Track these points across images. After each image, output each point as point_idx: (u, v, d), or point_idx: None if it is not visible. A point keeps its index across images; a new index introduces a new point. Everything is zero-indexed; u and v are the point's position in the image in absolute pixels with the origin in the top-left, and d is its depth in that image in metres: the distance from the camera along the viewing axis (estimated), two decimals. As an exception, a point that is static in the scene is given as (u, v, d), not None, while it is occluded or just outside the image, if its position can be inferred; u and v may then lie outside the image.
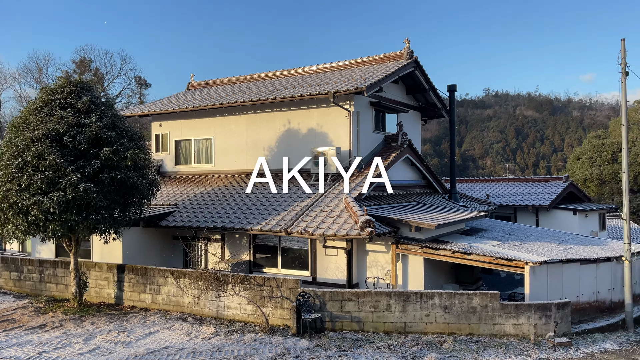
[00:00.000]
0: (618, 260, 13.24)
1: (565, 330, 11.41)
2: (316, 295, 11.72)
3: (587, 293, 12.78)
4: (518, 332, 11.25)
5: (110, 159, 12.01)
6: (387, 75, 15.77)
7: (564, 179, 23.35)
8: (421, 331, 11.49)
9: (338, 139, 15.99)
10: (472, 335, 11.31)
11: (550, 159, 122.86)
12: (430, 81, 18.74)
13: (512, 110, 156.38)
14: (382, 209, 14.25)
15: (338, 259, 13.76)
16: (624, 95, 12.63)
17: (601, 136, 64.31)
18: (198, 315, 12.85)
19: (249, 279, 12.29)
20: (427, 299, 11.49)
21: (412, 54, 17.66)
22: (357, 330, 11.61)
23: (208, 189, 17.31)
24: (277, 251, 14.72)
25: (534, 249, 13.15)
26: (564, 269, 12.39)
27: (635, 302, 14.03)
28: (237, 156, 17.91)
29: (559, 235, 16.09)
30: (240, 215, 14.57)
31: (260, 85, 19.53)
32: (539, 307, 11.24)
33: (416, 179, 18.62)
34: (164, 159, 19.61)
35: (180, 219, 15.24)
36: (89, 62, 50.69)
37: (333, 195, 14.40)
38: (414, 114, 19.94)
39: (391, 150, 16.73)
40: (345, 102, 15.81)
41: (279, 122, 17.10)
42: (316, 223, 13.02)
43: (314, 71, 19.77)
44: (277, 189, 15.81)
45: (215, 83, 22.16)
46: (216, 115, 18.37)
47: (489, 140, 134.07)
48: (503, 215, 23.12)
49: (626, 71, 12.65)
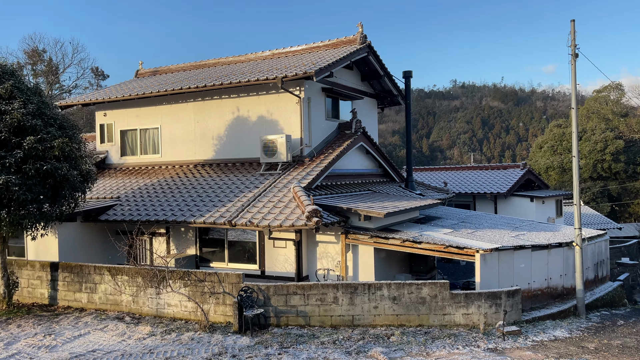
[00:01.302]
0: (569, 245, 13.10)
1: (515, 319, 11.16)
2: (260, 290, 11.13)
3: (539, 279, 12.59)
4: (468, 321, 10.93)
5: (35, 148, 11.07)
6: (338, 60, 15.21)
7: (521, 165, 23.35)
8: (369, 324, 11.05)
9: (289, 126, 15.38)
10: (422, 326, 10.94)
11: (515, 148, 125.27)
12: (385, 67, 18.29)
13: (478, 101, 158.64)
14: (332, 199, 13.74)
15: (287, 251, 13.20)
16: (574, 77, 12.41)
17: (562, 125, 65.56)
18: (137, 314, 12.10)
19: (189, 275, 11.60)
20: (375, 290, 11.05)
21: (365, 38, 17.14)
22: (304, 325, 11.08)
23: (154, 180, 16.46)
24: (225, 245, 14.05)
25: (486, 237, 12.88)
26: (515, 256, 12.15)
27: (587, 288, 13.97)
28: (185, 146, 17.09)
29: (513, 222, 15.93)
30: (183, 208, 13.82)
31: (211, 71, 18.70)
32: (489, 296, 10.94)
33: (372, 167, 18.19)
34: (110, 150, 18.61)
35: (120, 213, 14.39)
36: (42, 52, 48.46)
37: (282, 185, 13.79)
38: (370, 102, 19.48)
39: (344, 138, 16.23)
40: (296, 88, 15.19)
41: (228, 110, 16.36)
42: (262, 214, 12.40)
43: (266, 57, 19.06)
44: (225, 180, 15.12)
45: (164, 70, 21.19)
46: (163, 104, 17.49)
47: (457, 131, 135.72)
48: (462, 203, 23.00)
49: (576, 53, 12.42)
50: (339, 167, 15.91)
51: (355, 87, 18.17)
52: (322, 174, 14.33)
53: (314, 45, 18.26)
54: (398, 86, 19.36)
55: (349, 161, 16.53)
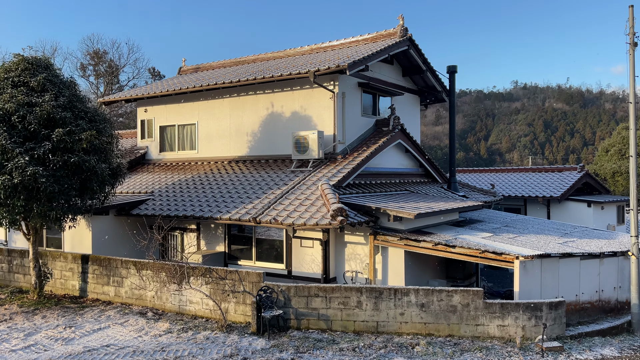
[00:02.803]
0: (625, 255, 11.77)
1: (558, 333, 10.08)
2: (280, 290, 10.68)
3: (588, 291, 11.37)
4: (504, 334, 9.98)
5: (64, 140, 11.18)
6: (374, 53, 14.54)
7: (578, 168, 21.63)
8: (395, 331, 10.33)
9: (322, 122, 14.87)
10: (452, 337, 10.10)
11: (580, 152, 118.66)
12: (428, 62, 17.40)
13: (541, 102, 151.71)
14: (363, 198, 13.09)
15: (314, 251, 12.69)
16: (632, 69, 11.12)
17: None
18: (160, 310, 11.99)
19: (210, 272, 11.33)
20: (401, 295, 10.32)
21: (406, 31, 16.36)
22: (325, 329, 10.53)
23: (188, 176, 16.44)
24: (252, 242, 13.73)
25: (529, 242, 11.80)
26: (561, 264, 11.02)
27: (646, 303, 12.53)
28: (221, 142, 16.97)
29: (564, 227, 14.62)
30: (212, 204, 13.63)
31: (250, 67, 18.52)
32: (527, 307, 9.95)
33: (412, 166, 17.35)
34: (149, 145, 18.84)
35: (152, 208, 14.40)
36: (103, 53, 50.63)
37: (311, 183, 13.30)
38: (412, 98, 18.63)
39: (381, 135, 15.52)
40: (329, 82, 14.67)
41: (262, 106, 16.07)
42: (287, 212, 11.96)
43: (305, 52, 18.66)
44: (256, 177, 14.82)
45: (206, 67, 21.27)
46: (200, 100, 17.47)
47: (517, 134, 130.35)
48: (512, 207, 21.61)
49: (635, 42, 11.13)
50: (374, 166, 15.22)
51: (395, 82, 17.40)
52: (353, 172, 13.72)
53: (353, 39, 17.66)
54: (442, 82, 18.40)
55: (385, 159, 15.81)
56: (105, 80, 43.73)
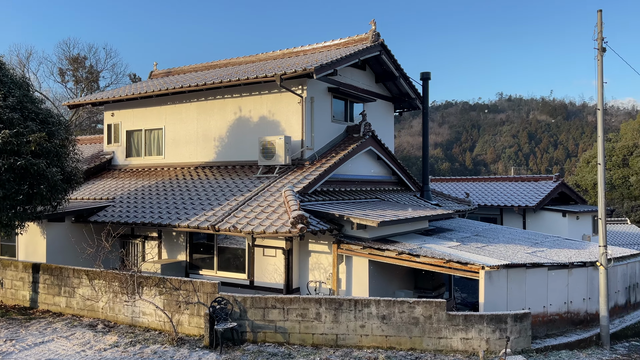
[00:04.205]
0: (595, 265, 11.47)
1: (524, 347, 9.70)
2: (236, 302, 10.17)
3: (556, 303, 11.02)
4: (467, 347, 9.58)
5: (10, 142, 10.61)
6: (343, 57, 14.20)
7: (554, 178, 21.46)
8: (355, 345, 9.87)
9: (290, 128, 14.46)
10: (414, 350, 9.67)
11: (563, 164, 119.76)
12: (401, 68, 17.12)
13: (525, 114, 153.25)
14: (329, 205, 12.67)
15: (276, 261, 12.21)
16: (600, 74, 10.90)
17: (612, 139, 61.86)
18: (112, 322, 11.38)
19: (164, 282, 10.79)
20: (362, 307, 9.87)
21: (378, 36, 16.07)
22: (282, 342, 10.02)
23: (152, 182, 15.88)
24: (214, 251, 13.21)
25: (496, 252, 11.45)
26: (529, 275, 10.67)
27: (617, 314, 12.25)
28: (188, 147, 16.46)
29: (535, 237, 14.33)
30: (172, 211, 13.09)
31: (221, 72, 18.07)
32: (492, 319, 9.56)
33: (384, 174, 16.98)
34: (116, 151, 18.25)
35: (110, 214, 13.82)
36: (83, 59, 49.80)
37: (275, 189, 12.85)
38: (386, 105, 18.32)
39: (351, 142, 15.14)
40: (298, 86, 14.27)
41: (230, 110, 15.62)
42: (248, 219, 11.48)
43: (276, 56, 18.29)
44: (221, 183, 14.33)
45: (177, 71, 20.79)
46: (167, 104, 16.96)
47: (502, 145, 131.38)
48: (488, 216, 21.35)
49: (603, 47, 10.93)
50: (344, 173, 14.83)
51: (368, 88, 17.08)
52: (320, 178, 13.29)
53: (325, 44, 17.34)
54: (416, 89, 18.12)
55: (356, 166, 15.43)
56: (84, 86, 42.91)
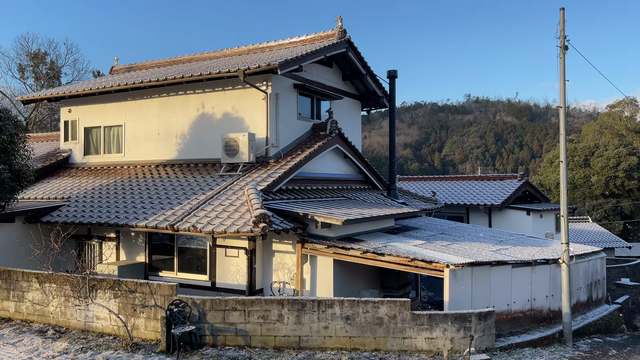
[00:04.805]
0: (558, 263, 11.54)
1: (488, 345, 9.64)
2: (194, 304, 9.77)
3: (520, 300, 11.03)
4: (432, 347, 9.44)
5: (-49, 138, 9.94)
6: (308, 53, 13.95)
7: (519, 177, 21.75)
8: (318, 346, 9.61)
9: (254, 124, 14.11)
10: (378, 351, 9.47)
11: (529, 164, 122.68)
12: (368, 66, 16.99)
13: (492, 116, 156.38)
14: (294, 204, 12.38)
15: (239, 261, 11.85)
16: (562, 72, 10.96)
17: (574, 140, 63.56)
18: (63, 328, 10.80)
19: (119, 285, 10.29)
20: (325, 307, 9.63)
21: (344, 33, 15.87)
22: (243, 345, 9.68)
23: (111, 181, 15.26)
24: (174, 252, 12.74)
25: (461, 250, 11.38)
26: (493, 273, 10.64)
27: (579, 311, 12.38)
28: (149, 145, 15.89)
29: (500, 235, 14.39)
30: (130, 210, 12.57)
31: (184, 67, 17.55)
32: (456, 318, 9.45)
33: (351, 173, 16.80)
34: (73, 148, 17.50)
35: (65, 214, 13.18)
36: (44, 54, 47.99)
37: (238, 188, 12.48)
38: (353, 103, 18.16)
39: (318, 140, 14.89)
40: (262, 82, 13.94)
41: (192, 106, 15.15)
42: (209, 218, 11.09)
43: (242, 52, 17.88)
44: (182, 181, 13.86)
45: (139, 67, 20.13)
46: (127, 100, 16.35)
47: (469, 146, 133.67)
48: (455, 215, 21.46)
49: (565, 45, 10.99)
50: (310, 171, 14.57)
51: (335, 86, 16.87)
52: (285, 176, 12.99)
53: (291, 40, 17.03)
54: (383, 87, 18.02)
55: (322, 165, 15.19)
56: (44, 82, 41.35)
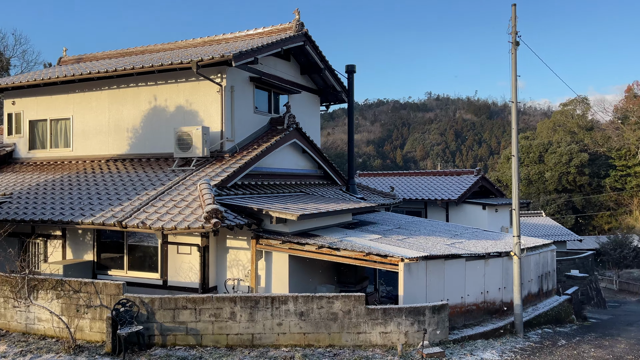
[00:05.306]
0: (510, 255, 11.73)
1: (442, 338, 9.68)
2: (142, 303, 9.40)
3: (474, 293, 11.16)
4: (386, 341, 9.41)
5: None
6: (264, 45, 13.68)
7: (475, 172, 22.15)
8: (272, 344, 9.42)
9: (209, 118, 13.73)
10: (332, 347, 9.37)
11: (487, 160, 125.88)
12: (326, 60, 16.85)
13: (452, 113, 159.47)
14: (250, 199, 12.12)
15: (192, 259, 11.51)
16: (514, 67, 11.12)
17: (529, 137, 65.61)
18: (3, 330, 10.23)
19: (62, 284, 9.81)
20: (279, 304, 9.44)
21: (302, 26, 15.67)
22: (194, 345, 9.39)
23: (57, 176, 14.57)
24: (124, 250, 12.27)
25: (416, 244, 11.42)
26: (447, 266, 10.71)
27: (530, 302, 12.65)
28: (98, 139, 15.25)
29: (455, 229, 14.56)
30: (76, 207, 12.00)
31: (136, 59, 16.94)
32: (410, 312, 9.45)
33: (310, 168, 16.65)
34: (17, 142, 16.63)
35: (6, 211, 12.46)
36: (-10, 45, 45.62)
37: (191, 183, 12.12)
38: (312, 97, 17.99)
39: (275, 134, 14.66)
40: (216, 75, 13.58)
41: (144, 99, 14.63)
42: (159, 214, 10.69)
43: (197, 44, 17.42)
44: (133, 176, 13.36)
45: (89, 58, 19.33)
46: (75, 92, 15.64)
47: (430, 143, 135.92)
48: (414, 210, 21.65)
49: (517, 41, 11.15)
50: (267, 166, 14.32)
51: (293, 80, 16.65)
52: (240, 171, 12.70)
53: (248, 32, 16.71)
54: (342, 82, 17.93)
55: (280, 160, 14.97)
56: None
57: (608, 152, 56.85)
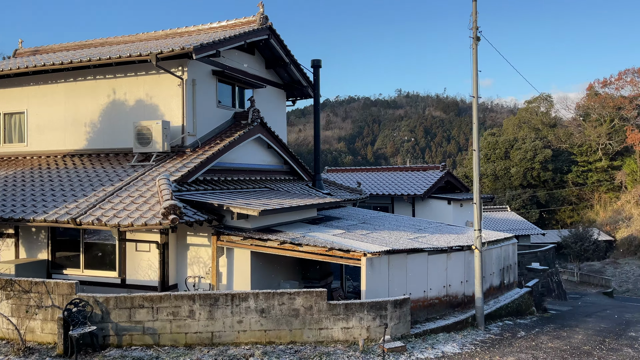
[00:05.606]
0: (472, 249, 11.85)
1: (404, 332, 9.69)
2: (96, 303, 9.08)
3: (436, 287, 11.23)
4: (348, 337, 9.35)
5: None
6: (226, 38, 13.42)
7: (441, 167, 22.38)
8: (232, 342, 9.24)
9: (170, 112, 13.39)
10: (294, 343, 9.25)
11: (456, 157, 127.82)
12: (291, 54, 16.67)
13: (422, 110, 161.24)
14: (212, 194, 11.87)
15: (151, 256, 11.20)
16: (475, 62, 11.21)
17: (496, 134, 66.86)
18: (-52, 334, 9.71)
19: (12, 284, 9.38)
20: (239, 301, 9.27)
21: (266, 19, 15.45)
22: (151, 344, 9.12)
23: (10, 172, 13.97)
24: (80, 248, 11.86)
25: (380, 239, 11.40)
26: (409, 260, 10.72)
27: (492, 295, 12.82)
28: (55, 133, 14.71)
29: (419, 223, 14.64)
30: (28, 203, 11.52)
31: (96, 51, 16.38)
32: (372, 307, 9.41)
33: (275, 163, 16.46)
34: (-32, 138, 15.89)
35: (-47, 209, 11.87)
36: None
37: (150, 178, 11.78)
38: (277, 92, 17.79)
39: (239, 129, 14.41)
40: (177, 68, 13.25)
41: (103, 92, 14.16)
42: (115, 211, 10.35)
43: (159, 37, 16.98)
44: (90, 172, 12.93)
45: (46, 50, 18.63)
46: (30, 84, 15.03)
47: (400, 139, 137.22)
48: (381, 205, 21.72)
49: (478, 36, 11.23)
50: (231, 161, 14.09)
51: (258, 74, 16.42)
52: (202, 166, 12.43)
53: (211, 25, 16.37)
54: (307, 77, 17.79)
55: (244, 155, 14.74)
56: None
57: (570, 149, 58.46)
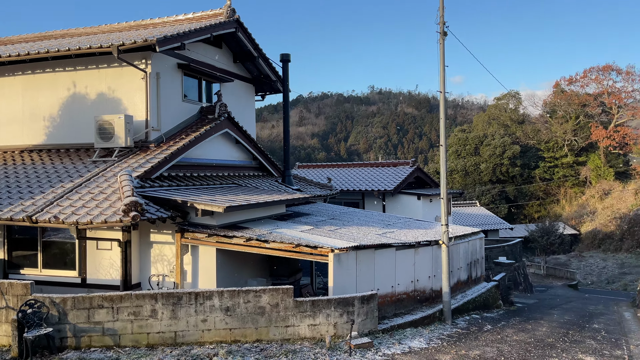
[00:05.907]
0: (439, 244, 11.89)
1: (371, 328, 9.64)
2: (53, 303, 8.72)
3: (404, 282, 11.22)
4: (315, 334, 9.24)
5: None
6: (191, 30, 13.10)
7: (411, 163, 22.50)
8: (196, 341, 9.02)
9: (133, 106, 13.00)
10: (260, 341, 9.09)
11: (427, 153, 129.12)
12: (260, 48, 16.42)
13: (394, 107, 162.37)
14: (176, 191, 11.58)
15: (112, 254, 10.85)
16: (442, 58, 11.22)
17: (466, 130, 67.79)
18: None
19: (-38, 285, 8.93)
20: (204, 300, 9.05)
21: (233, 12, 15.15)
22: (112, 345, 8.83)
23: (-37, 169, 13.34)
24: (38, 247, 11.41)
25: (348, 234, 11.32)
26: (377, 256, 10.68)
27: (459, 289, 12.91)
28: (11, 128, 14.12)
29: (388, 219, 14.65)
30: (-19, 201, 11.01)
31: (56, 43, 15.78)
32: (339, 303, 9.32)
33: (244, 159, 16.21)
34: None
35: None
36: None
37: (111, 174, 11.41)
38: (246, 87, 17.51)
39: (205, 124, 14.11)
40: (141, 61, 12.86)
41: (62, 86, 13.65)
42: (74, 208, 9.97)
43: (122, 29, 16.47)
44: (49, 168, 12.45)
45: (3, 41, 17.87)
46: (-16, 77, 14.39)
47: (373, 136, 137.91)
48: (351, 201, 21.69)
49: (444, 31, 11.24)
50: (197, 157, 13.79)
51: (225, 68, 16.11)
52: (166, 162, 12.12)
53: (177, 18, 15.96)
54: (277, 71, 17.56)
55: (212, 150, 14.45)
56: None
57: (538, 145, 59.76)
